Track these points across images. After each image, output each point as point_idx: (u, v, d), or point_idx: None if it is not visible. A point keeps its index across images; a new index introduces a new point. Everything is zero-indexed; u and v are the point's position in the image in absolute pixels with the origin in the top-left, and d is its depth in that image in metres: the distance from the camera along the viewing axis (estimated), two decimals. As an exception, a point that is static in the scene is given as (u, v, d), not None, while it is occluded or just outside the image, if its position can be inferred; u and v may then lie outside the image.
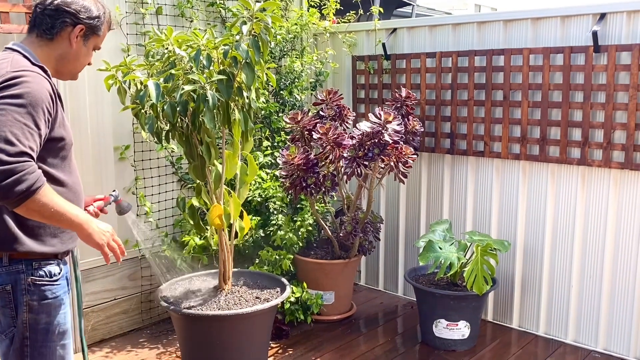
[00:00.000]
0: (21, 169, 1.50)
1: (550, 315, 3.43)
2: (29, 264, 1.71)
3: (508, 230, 3.52)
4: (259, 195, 3.61)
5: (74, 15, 1.76)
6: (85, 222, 1.67)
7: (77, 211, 1.66)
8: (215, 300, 2.89)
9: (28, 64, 1.68)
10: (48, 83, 1.67)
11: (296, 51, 4.00)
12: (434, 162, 3.82)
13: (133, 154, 3.36)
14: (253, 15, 2.49)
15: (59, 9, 1.75)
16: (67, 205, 1.63)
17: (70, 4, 1.76)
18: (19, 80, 1.59)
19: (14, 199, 1.51)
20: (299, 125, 3.47)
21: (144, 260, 3.45)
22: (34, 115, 1.58)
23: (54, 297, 1.75)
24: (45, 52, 1.76)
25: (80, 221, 1.66)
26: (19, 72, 1.61)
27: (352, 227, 3.49)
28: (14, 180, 1.49)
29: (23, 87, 1.58)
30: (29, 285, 1.70)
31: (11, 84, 1.58)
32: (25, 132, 1.54)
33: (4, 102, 1.55)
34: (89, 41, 1.82)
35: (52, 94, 1.66)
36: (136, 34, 3.28)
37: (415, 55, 3.74)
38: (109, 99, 3.10)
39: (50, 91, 1.66)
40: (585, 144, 3.13)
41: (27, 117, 1.56)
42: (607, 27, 3.04)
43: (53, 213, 1.59)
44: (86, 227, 1.67)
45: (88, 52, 1.84)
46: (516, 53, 3.30)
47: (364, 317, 3.75)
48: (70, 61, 1.81)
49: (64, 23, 1.75)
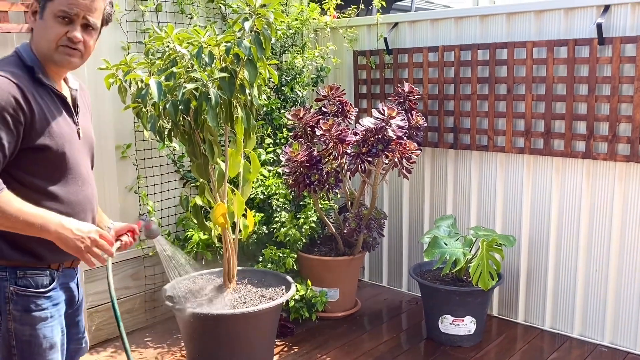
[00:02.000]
0: None
1: (556, 309, 3.41)
2: (13, 272, 1.60)
3: (513, 224, 3.50)
4: (262, 192, 3.59)
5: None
6: (57, 227, 1.52)
7: (48, 216, 1.53)
8: (220, 299, 2.87)
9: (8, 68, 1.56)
10: (15, 87, 1.52)
11: (297, 47, 3.97)
12: (437, 157, 3.79)
13: (135, 153, 3.33)
14: (255, 11, 2.46)
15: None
16: (34, 211, 1.51)
17: None
18: None
19: None
20: (301, 121, 3.45)
21: (147, 260, 3.43)
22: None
23: (38, 309, 1.62)
24: (33, 42, 1.64)
25: (51, 229, 1.51)
26: None
27: (355, 223, 3.47)
28: None
29: None
30: (12, 294, 1.59)
31: None
32: None
33: None
34: (45, 11, 1.60)
35: (19, 99, 1.51)
36: (136, 31, 3.25)
37: (418, 50, 3.71)
38: (109, 97, 3.07)
39: (17, 96, 1.51)
40: (590, 137, 3.11)
41: None
42: (611, 19, 3.01)
43: (17, 222, 1.47)
44: (61, 231, 1.52)
45: (48, 23, 1.60)
46: (519, 46, 3.27)
47: (368, 313, 3.74)
48: (40, 43, 1.62)
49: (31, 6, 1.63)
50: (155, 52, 2.80)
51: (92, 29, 1.64)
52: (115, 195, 3.27)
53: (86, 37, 1.63)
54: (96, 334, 3.27)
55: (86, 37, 1.63)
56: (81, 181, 1.72)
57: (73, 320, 1.80)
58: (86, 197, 1.75)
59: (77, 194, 1.70)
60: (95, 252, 1.59)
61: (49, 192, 1.62)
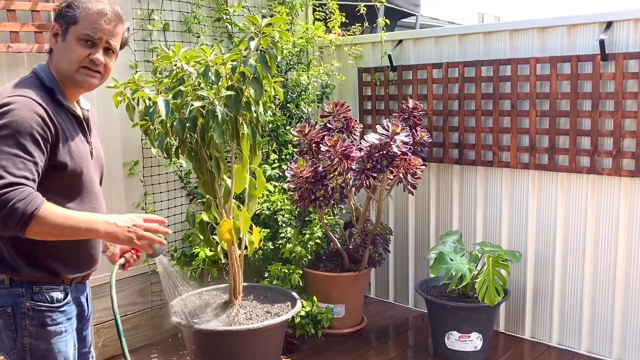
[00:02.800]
0: (10, 199, 1.44)
1: (563, 325, 3.40)
2: (29, 287, 1.64)
3: (519, 240, 3.50)
4: (268, 208, 3.61)
5: (55, 18, 1.71)
6: (104, 227, 1.56)
7: (90, 217, 1.57)
8: (226, 315, 2.88)
9: (26, 88, 1.61)
10: (41, 108, 1.57)
11: (302, 64, 4.02)
12: (442, 173, 3.81)
13: (142, 170, 3.37)
14: (260, 30, 2.50)
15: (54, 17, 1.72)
16: (78, 215, 1.55)
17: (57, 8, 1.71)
18: (7, 108, 1.53)
19: (15, 228, 1.46)
20: (306, 138, 3.48)
21: (154, 276, 3.44)
22: (24, 143, 1.51)
23: (54, 323, 1.67)
24: (52, 64, 1.71)
25: (97, 227, 1.56)
26: (9, 99, 1.56)
27: (361, 239, 3.48)
28: (5, 213, 1.43)
29: (9, 117, 1.52)
30: (28, 310, 1.64)
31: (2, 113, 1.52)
32: (17, 162, 1.48)
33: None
34: (69, 34, 1.67)
35: (45, 118, 1.57)
36: (144, 50, 3.31)
37: (422, 66, 3.74)
38: (117, 115, 3.11)
39: (44, 115, 1.57)
40: (595, 152, 3.11)
41: (16, 147, 1.50)
42: (613, 35, 3.03)
43: (64, 229, 1.51)
44: (105, 230, 1.57)
45: (71, 45, 1.67)
46: (523, 62, 3.30)
47: (375, 330, 3.73)
48: (60, 64, 1.68)
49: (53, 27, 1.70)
50: (163, 70, 2.85)
51: (112, 52, 1.73)
52: (123, 212, 3.30)
53: (107, 60, 1.72)
54: (103, 350, 3.28)
55: (107, 60, 1.72)
56: (95, 199, 1.78)
57: (80, 334, 1.83)
58: (98, 209, 1.80)
59: (92, 211, 1.74)
60: (147, 236, 1.63)
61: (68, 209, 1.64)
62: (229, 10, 3.62)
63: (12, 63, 2.79)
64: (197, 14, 3.47)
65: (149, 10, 3.30)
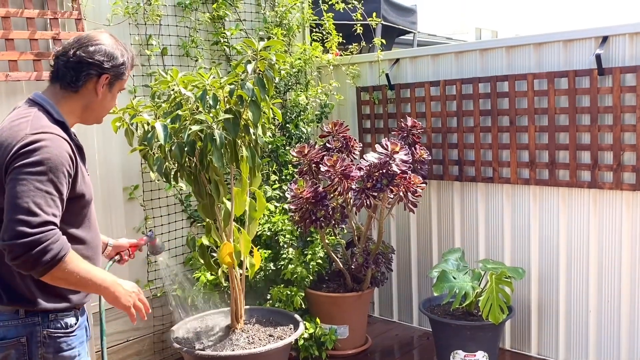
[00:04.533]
0: (45, 239, 1.49)
1: (570, 341, 3.36)
2: (45, 316, 1.68)
3: (522, 256, 3.47)
4: (269, 229, 3.60)
5: (99, 66, 1.72)
6: (112, 285, 1.66)
7: (103, 275, 1.66)
8: (228, 340, 2.85)
9: (47, 124, 1.64)
10: (67, 144, 1.63)
11: (301, 85, 4.04)
12: (443, 190, 3.80)
13: (142, 194, 3.36)
14: (257, 53, 2.52)
15: (82, 61, 1.70)
16: (93, 270, 1.63)
17: (93, 54, 1.71)
18: (38, 145, 1.56)
19: (40, 269, 1.51)
20: (306, 158, 3.48)
21: (155, 301, 3.42)
22: (55, 181, 1.56)
23: (69, 348, 1.72)
24: (70, 104, 1.74)
25: (107, 285, 1.65)
26: (38, 136, 1.58)
27: (363, 258, 3.46)
28: (38, 251, 1.48)
29: (42, 153, 1.55)
30: (44, 338, 1.68)
31: (30, 150, 1.55)
32: (48, 199, 1.53)
33: (25, 171, 1.53)
34: (114, 87, 1.80)
35: (71, 155, 1.63)
36: (142, 75, 3.32)
37: (419, 84, 3.76)
38: (117, 140, 3.12)
39: (70, 152, 1.63)
40: (595, 166, 3.11)
41: (48, 184, 1.54)
42: (609, 49, 3.05)
43: (79, 280, 1.58)
44: (113, 290, 1.67)
45: (113, 97, 1.83)
46: (520, 79, 3.31)
47: (379, 350, 3.69)
48: (96, 109, 1.80)
49: (89, 75, 1.72)
50: (161, 95, 2.86)
51: None
52: (123, 236, 3.28)
53: None
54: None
55: None
56: (95, 225, 1.86)
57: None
58: (100, 240, 1.90)
59: (96, 237, 1.84)
60: (138, 307, 1.75)
61: (79, 238, 1.73)
62: (227, 34, 3.64)
63: (11, 91, 2.81)
64: (195, 38, 3.49)
65: (146, 35, 3.32)
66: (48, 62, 2.07)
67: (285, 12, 3.91)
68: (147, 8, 3.26)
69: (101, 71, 1.73)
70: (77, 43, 1.73)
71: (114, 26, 3.10)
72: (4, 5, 2.74)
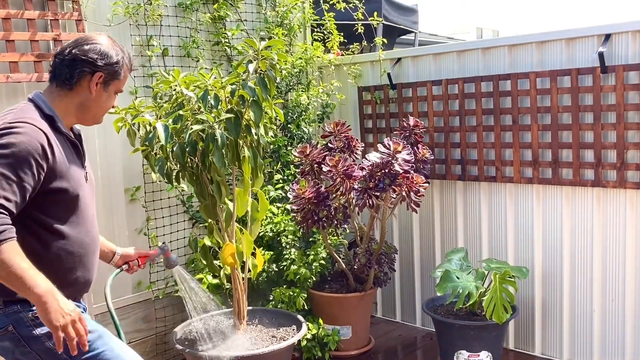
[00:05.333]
0: None
1: (574, 341, 3.34)
2: (25, 303, 1.64)
3: (525, 255, 3.46)
4: (271, 230, 3.59)
5: (92, 63, 1.75)
6: (45, 295, 1.51)
7: (38, 279, 1.52)
8: (231, 341, 2.84)
9: (30, 115, 1.67)
10: (43, 135, 1.64)
11: (302, 85, 4.03)
12: (445, 189, 3.78)
13: (144, 195, 3.36)
14: (259, 53, 2.51)
15: (75, 59, 1.75)
16: (29, 270, 1.52)
17: (87, 52, 1.75)
18: (9, 131, 1.59)
19: None
20: (308, 158, 3.47)
21: (157, 302, 3.41)
22: (16, 166, 1.56)
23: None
24: (65, 102, 1.77)
25: (39, 292, 1.50)
26: (13, 124, 1.62)
27: (366, 259, 3.44)
28: None
29: (10, 138, 1.58)
30: (32, 319, 1.65)
31: (1, 135, 1.59)
32: (2, 182, 1.53)
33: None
34: (110, 86, 1.81)
35: (44, 147, 1.63)
36: (143, 76, 3.31)
37: (421, 84, 3.74)
38: (118, 141, 3.12)
39: (44, 143, 1.63)
40: (599, 165, 3.09)
41: (7, 167, 1.55)
42: (612, 47, 3.03)
43: (9, 274, 1.49)
44: (44, 300, 1.50)
45: (109, 96, 1.83)
46: (522, 77, 3.29)
47: (383, 350, 3.68)
48: (91, 108, 1.81)
49: (82, 72, 1.75)
50: (163, 95, 2.85)
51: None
52: (125, 237, 3.28)
53: None
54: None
55: None
56: (89, 223, 1.82)
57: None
58: (94, 238, 1.84)
59: (87, 234, 1.80)
60: (69, 333, 1.53)
61: (61, 232, 1.71)
62: (228, 34, 3.63)
63: (12, 93, 2.80)
64: (196, 39, 3.49)
65: (147, 36, 3.31)
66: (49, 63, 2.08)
67: (286, 12, 3.90)
68: (147, 8, 3.26)
69: (94, 69, 1.76)
70: (74, 43, 1.78)
71: (114, 27, 3.10)
72: (4, 7, 2.73)
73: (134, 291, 3.34)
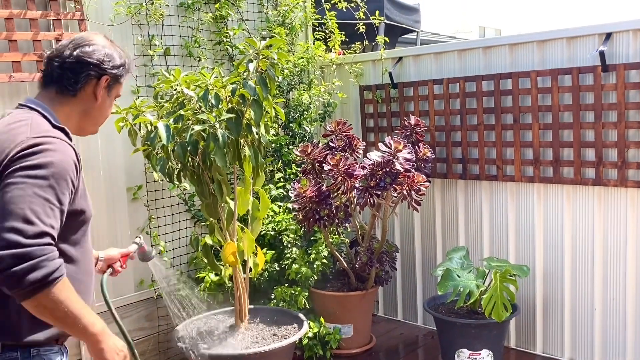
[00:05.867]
0: (40, 253, 1.30)
1: (575, 339, 3.34)
2: (25, 352, 1.46)
3: (526, 254, 3.46)
4: (272, 228, 3.60)
5: (98, 66, 1.59)
6: (100, 334, 1.44)
7: (93, 318, 1.43)
8: (232, 339, 2.85)
9: (49, 128, 1.49)
10: (72, 151, 1.48)
11: (304, 84, 4.03)
12: (447, 188, 3.79)
13: (146, 194, 3.37)
14: (259, 52, 2.51)
15: (80, 61, 1.57)
16: (84, 309, 1.41)
17: (92, 54, 1.58)
18: (41, 147, 1.40)
19: (26, 288, 1.29)
20: (309, 157, 3.47)
21: (159, 301, 3.42)
22: (57, 188, 1.38)
23: None
24: (67, 109, 1.59)
25: (95, 331, 1.42)
26: (41, 139, 1.42)
27: (367, 257, 3.45)
28: (29, 266, 1.28)
29: (45, 157, 1.39)
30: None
31: (31, 152, 1.39)
32: (47, 208, 1.35)
33: (24, 175, 1.35)
34: (112, 91, 1.66)
35: (76, 164, 1.47)
36: (145, 75, 3.33)
37: (423, 83, 3.75)
38: (120, 140, 3.13)
39: (75, 160, 1.47)
40: (600, 163, 3.09)
41: (48, 191, 1.36)
42: (613, 46, 3.03)
43: (67, 315, 1.36)
44: (100, 339, 1.44)
45: (111, 102, 1.68)
46: (524, 76, 3.30)
47: (384, 349, 3.69)
48: (94, 116, 1.65)
49: (89, 76, 1.58)
50: (164, 95, 2.86)
51: None
52: (127, 236, 3.29)
53: None
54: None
55: None
56: (90, 246, 1.68)
57: None
58: (92, 264, 1.71)
59: (90, 261, 1.66)
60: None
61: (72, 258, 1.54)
62: (229, 33, 3.64)
63: (15, 92, 2.81)
64: (198, 38, 3.50)
65: (149, 35, 3.32)
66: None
67: (287, 11, 3.91)
68: (149, 8, 3.27)
69: (101, 72, 1.60)
70: (71, 44, 1.60)
71: (116, 26, 3.11)
72: (7, 7, 2.75)
73: (136, 290, 3.36)
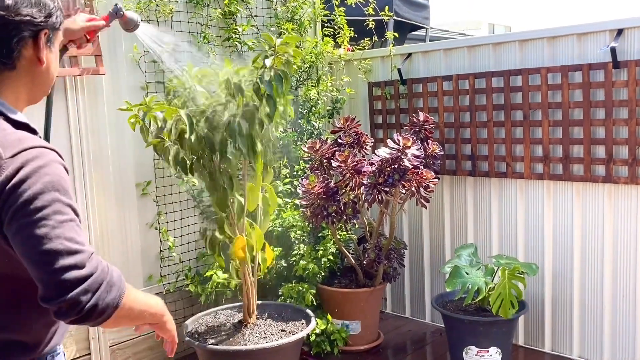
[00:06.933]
0: (103, 275, 1.16)
1: (584, 337, 3.33)
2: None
3: (535, 252, 3.45)
4: (280, 225, 3.60)
5: (30, 22, 1.21)
6: (164, 309, 1.41)
7: (154, 300, 1.38)
8: (240, 335, 2.86)
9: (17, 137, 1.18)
10: (55, 154, 1.21)
11: (312, 80, 4.03)
12: (456, 185, 3.78)
13: (155, 190, 3.38)
14: (275, 49, 2.53)
15: (6, 23, 1.18)
16: (146, 298, 1.35)
17: (18, 9, 1.19)
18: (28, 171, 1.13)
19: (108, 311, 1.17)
20: (317, 154, 3.47)
21: (168, 296, 3.44)
22: (70, 202, 1.18)
23: None
24: (11, 88, 1.24)
25: (161, 310, 1.39)
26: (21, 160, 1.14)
27: (375, 254, 3.45)
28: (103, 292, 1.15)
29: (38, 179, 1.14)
30: None
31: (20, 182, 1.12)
32: (75, 227, 1.16)
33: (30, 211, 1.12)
34: (54, 42, 1.30)
35: (63, 163, 1.23)
36: (154, 72, 3.34)
37: (432, 79, 3.74)
38: (129, 136, 3.14)
39: (59, 158, 1.22)
40: (610, 161, 3.07)
41: (66, 209, 1.16)
42: (625, 42, 3.01)
43: (140, 312, 1.30)
44: (165, 313, 1.42)
45: (57, 54, 1.33)
46: (534, 72, 3.28)
47: (392, 346, 3.69)
48: (44, 80, 1.30)
49: (22, 39, 1.21)
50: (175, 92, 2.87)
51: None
52: (137, 232, 3.31)
53: None
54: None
55: None
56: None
57: None
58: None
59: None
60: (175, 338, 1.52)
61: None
62: (238, 30, 3.64)
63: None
64: (207, 34, 3.50)
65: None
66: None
67: (296, 7, 3.91)
68: (158, 4, 3.28)
69: (36, 28, 1.22)
70: None
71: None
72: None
73: (145, 285, 3.37)
